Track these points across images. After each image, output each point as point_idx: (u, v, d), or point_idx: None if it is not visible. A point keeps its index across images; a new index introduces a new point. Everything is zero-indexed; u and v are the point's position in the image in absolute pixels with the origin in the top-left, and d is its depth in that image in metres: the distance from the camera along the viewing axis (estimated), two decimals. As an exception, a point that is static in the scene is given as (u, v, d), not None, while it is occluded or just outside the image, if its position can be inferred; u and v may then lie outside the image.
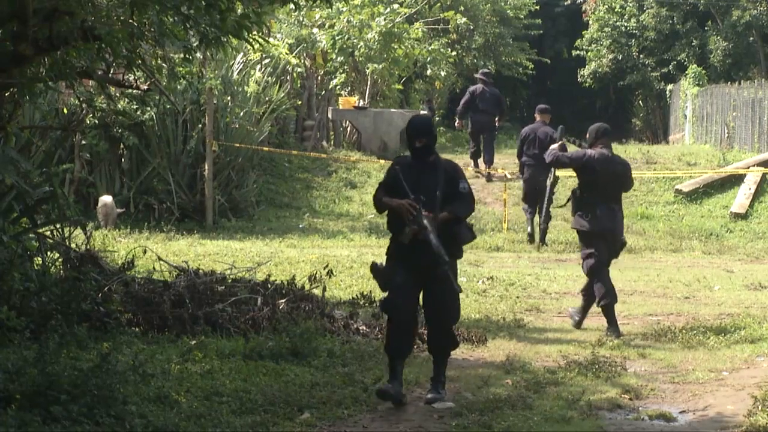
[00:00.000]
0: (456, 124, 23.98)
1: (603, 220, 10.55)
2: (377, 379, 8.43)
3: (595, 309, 11.86)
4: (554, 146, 11.25)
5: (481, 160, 22.28)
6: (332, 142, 24.63)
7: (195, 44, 8.79)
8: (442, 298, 8.00)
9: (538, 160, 15.83)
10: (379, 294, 11.59)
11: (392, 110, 25.15)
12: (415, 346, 9.69)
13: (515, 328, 10.82)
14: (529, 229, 17.34)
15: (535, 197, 16.78)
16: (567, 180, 17.05)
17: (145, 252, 11.67)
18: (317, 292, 10.68)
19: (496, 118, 21.84)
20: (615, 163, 10.78)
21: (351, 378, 8.41)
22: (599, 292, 10.60)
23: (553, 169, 13.71)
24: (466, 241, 8.10)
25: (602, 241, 10.60)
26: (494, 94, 21.86)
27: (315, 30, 24.87)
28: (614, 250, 10.77)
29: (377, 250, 15.49)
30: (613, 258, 10.85)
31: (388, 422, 7.57)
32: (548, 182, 14.21)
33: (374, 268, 8.18)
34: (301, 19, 24.58)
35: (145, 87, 11.82)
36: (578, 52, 37.51)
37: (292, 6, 9.23)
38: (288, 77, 22.92)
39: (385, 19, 24.98)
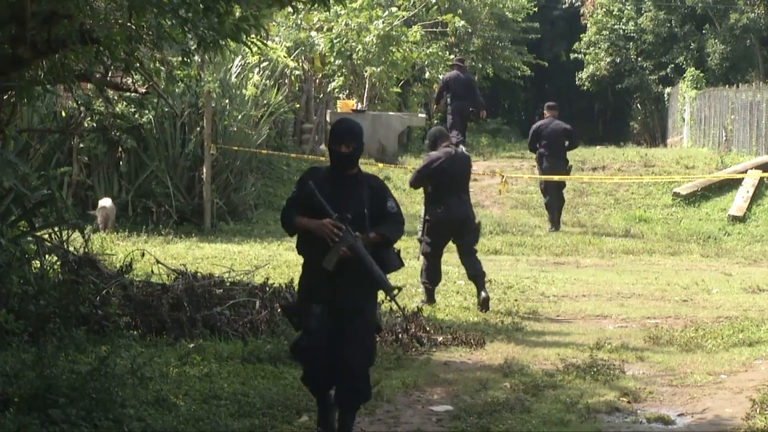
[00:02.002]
0: (434, 107, 24.88)
1: (454, 208, 11.79)
2: (375, 382, 8.42)
3: (594, 311, 11.88)
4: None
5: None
6: (330, 145, 24.59)
7: (193, 47, 8.79)
8: (357, 337, 6.82)
9: (553, 151, 18.35)
10: (378, 295, 11.62)
11: (390, 113, 25.15)
12: (413, 349, 9.72)
13: (513, 331, 10.83)
14: (551, 225, 18.73)
15: (554, 185, 18.45)
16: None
17: (143, 255, 11.66)
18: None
19: (481, 110, 23.31)
20: (460, 158, 12.04)
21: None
22: (426, 274, 11.92)
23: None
24: (393, 269, 6.94)
25: (450, 229, 11.86)
26: (468, 79, 23.21)
27: (313, 33, 24.86)
28: (472, 234, 12.03)
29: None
30: (474, 243, 12.06)
31: (386, 425, 7.57)
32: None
33: (285, 307, 7.45)
34: (299, 22, 24.56)
35: (144, 90, 11.83)
36: (576, 55, 37.57)
37: (290, 9, 9.24)
38: (286, 80, 22.92)
39: (383, 23, 24.98)
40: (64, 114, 17.09)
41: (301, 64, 23.94)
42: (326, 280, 6.75)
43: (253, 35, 8.67)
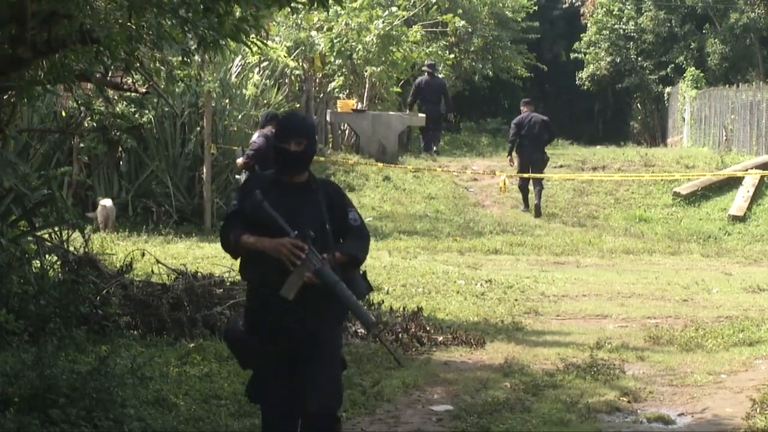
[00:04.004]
0: (406, 111, 25.82)
1: None
2: (375, 382, 8.43)
3: (594, 311, 11.88)
4: (240, 160, 13.42)
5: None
6: (330, 145, 24.63)
7: (193, 47, 8.80)
8: (319, 377, 5.66)
9: (532, 141, 19.90)
10: (378, 295, 11.65)
11: (390, 113, 25.15)
12: (413, 349, 9.72)
13: (513, 330, 10.83)
14: (524, 204, 20.36)
15: (528, 172, 19.87)
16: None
17: (143, 255, 11.67)
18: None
19: (446, 109, 25.10)
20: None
21: (349, 381, 8.39)
22: None
23: None
24: (362, 294, 5.80)
25: None
26: (439, 83, 24.91)
27: (313, 33, 24.86)
28: None
29: (375, 253, 15.50)
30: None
31: (386, 425, 7.57)
32: None
33: (229, 335, 5.82)
34: (299, 22, 24.56)
35: (144, 90, 11.85)
36: (576, 54, 37.54)
37: (290, 9, 9.23)
38: (286, 80, 22.92)
39: (383, 22, 24.98)
40: (64, 114, 17.09)
41: (301, 64, 23.94)
42: (280, 309, 5.59)
43: (253, 35, 8.67)
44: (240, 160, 14.57)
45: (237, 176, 14.19)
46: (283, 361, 5.69)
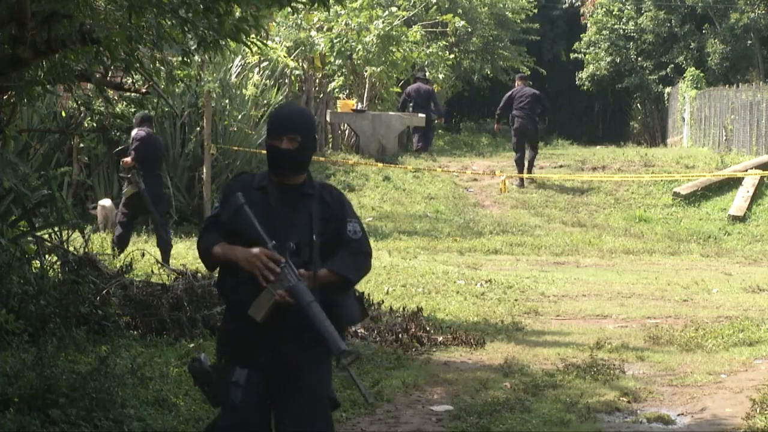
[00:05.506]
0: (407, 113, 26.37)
1: (153, 186, 13.53)
2: (375, 382, 8.43)
3: (594, 311, 11.88)
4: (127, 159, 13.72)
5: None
6: (330, 145, 24.64)
7: (193, 47, 8.79)
8: (302, 417, 4.84)
9: (525, 112, 21.22)
10: (378, 295, 11.66)
11: (390, 113, 25.17)
12: (413, 349, 9.72)
13: (513, 331, 10.83)
14: (519, 171, 21.48)
15: (523, 143, 21.47)
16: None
17: (143, 255, 11.67)
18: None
19: (437, 115, 25.93)
20: (158, 139, 14.20)
21: (349, 381, 8.38)
22: (118, 238, 13.50)
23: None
24: (352, 322, 5.04)
25: (142, 201, 13.43)
26: (427, 91, 25.58)
27: (313, 33, 24.86)
28: (163, 208, 13.86)
29: (375, 253, 15.49)
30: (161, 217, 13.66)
31: (386, 425, 7.57)
32: None
33: (196, 370, 4.88)
34: (299, 22, 24.57)
35: (144, 90, 11.85)
36: (576, 55, 37.55)
37: (290, 9, 9.23)
38: (286, 80, 22.92)
39: (383, 22, 24.99)
40: (64, 114, 17.09)
41: (301, 64, 23.94)
42: (258, 335, 4.79)
43: (253, 35, 8.67)
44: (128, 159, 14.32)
45: (121, 174, 14.28)
46: (258, 395, 4.81)
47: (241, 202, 4.79)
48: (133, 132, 13.96)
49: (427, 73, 26.87)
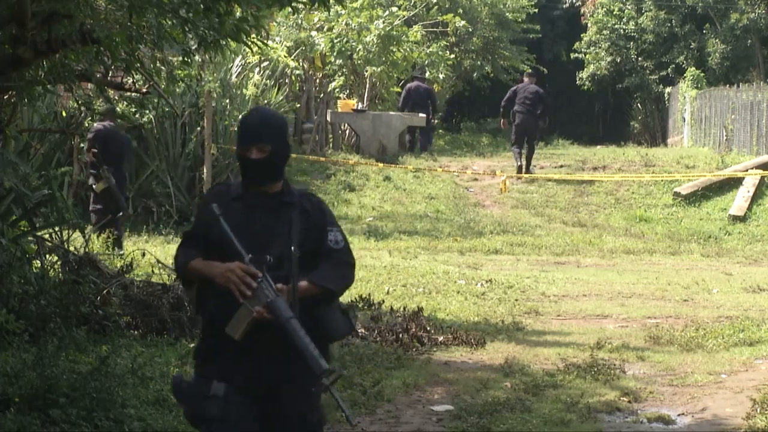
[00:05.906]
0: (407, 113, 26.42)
1: (116, 179, 14.16)
2: (376, 382, 8.43)
3: (595, 311, 11.88)
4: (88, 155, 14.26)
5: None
6: (331, 145, 24.64)
7: (194, 47, 8.80)
8: None
9: (527, 108, 21.67)
10: (379, 295, 11.65)
11: (391, 113, 25.17)
12: (414, 349, 9.72)
13: (514, 330, 10.83)
14: (517, 162, 21.97)
15: (523, 138, 21.93)
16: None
17: (143, 255, 11.67)
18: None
19: (432, 114, 25.70)
20: (116, 133, 14.59)
21: (349, 381, 8.41)
22: (97, 224, 13.83)
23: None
24: (337, 337, 4.74)
25: (112, 196, 14.17)
26: (426, 90, 25.69)
27: (313, 33, 24.87)
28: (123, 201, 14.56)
29: (376, 253, 15.52)
30: (122, 211, 14.41)
31: (386, 425, 7.57)
32: None
33: (178, 386, 4.67)
34: (299, 22, 24.57)
35: (144, 90, 11.86)
36: (577, 55, 37.53)
37: (290, 9, 9.23)
38: (287, 80, 22.93)
39: (383, 22, 24.99)
40: (64, 114, 17.10)
41: (301, 64, 23.94)
42: (236, 352, 4.55)
43: (253, 35, 8.67)
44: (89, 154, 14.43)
45: (91, 170, 14.43)
46: (237, 410, 4.55)
47: (217, 213, 4.56)
48: (95, 124, 14.40)
49: (427, 73, 26.85)
